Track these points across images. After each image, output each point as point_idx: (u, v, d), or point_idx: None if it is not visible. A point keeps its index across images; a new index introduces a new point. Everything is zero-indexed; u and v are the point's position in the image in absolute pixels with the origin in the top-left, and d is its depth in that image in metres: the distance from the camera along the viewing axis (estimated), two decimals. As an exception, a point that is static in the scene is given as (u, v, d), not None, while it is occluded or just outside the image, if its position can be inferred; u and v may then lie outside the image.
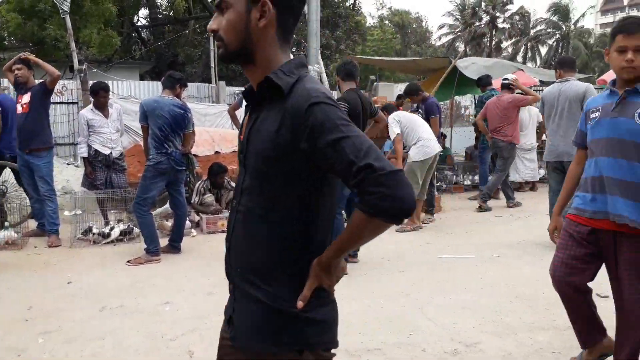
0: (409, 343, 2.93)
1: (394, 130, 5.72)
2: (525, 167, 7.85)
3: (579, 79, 5.44)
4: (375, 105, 9.90)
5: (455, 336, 3.01)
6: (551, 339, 2.98)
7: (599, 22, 76.47)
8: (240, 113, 8.89)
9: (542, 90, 7.95)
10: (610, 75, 9.88)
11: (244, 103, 1.40)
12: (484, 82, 7.83)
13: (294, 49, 22.49)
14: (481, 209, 6.92)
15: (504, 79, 7.07)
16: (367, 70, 25.96)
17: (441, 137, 9.29)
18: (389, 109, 6.66)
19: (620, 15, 75.17)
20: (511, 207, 7.16)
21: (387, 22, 38.24)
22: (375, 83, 13.82)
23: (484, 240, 5.41)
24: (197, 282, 4.09)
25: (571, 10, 44.81)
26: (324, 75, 11.90)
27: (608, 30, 60.76)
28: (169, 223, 5.64)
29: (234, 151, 9.04)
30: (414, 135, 5.75)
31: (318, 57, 10.69)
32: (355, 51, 23.84)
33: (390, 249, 5.05)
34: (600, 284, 3.94)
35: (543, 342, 2.94)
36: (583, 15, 45.51)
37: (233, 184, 6.64)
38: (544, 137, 7.81)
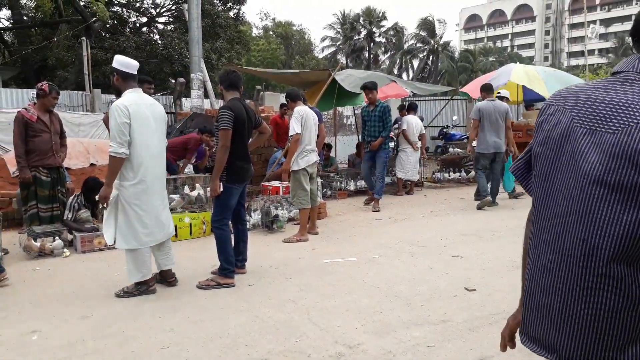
0: (294, 350, 2.97)
1: (294, 128, 5.75)
2: (409, 167, 9.29)
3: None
4: (262, 115, 9.97)
5: (339, 339, 3.11)
6: (426, 333, 3.20)
7: (463, 39, 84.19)
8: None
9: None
10: (471, 87, 10.93)
11: None
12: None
13: (176, 58, 21.82)
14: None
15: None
16: (253, 80, 25.98)
17: (324, 149, 9.70)
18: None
19: (480, 33, 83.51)
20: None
21: (271, 32, 38.60)
22: (261, 93, 13.87)
23: (365, 242, 5.66)
24: (70, 305, 3.78)
25: (438, 27, 48.72)
26: (209, 84, 11.71)
27: (471, 46, 67.02)
28: (37, 243, 5.17)
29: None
30: (302, 144, 5.83)
31: (201, 64, 10.50)
32: (240, 61, 23.73)
33: (278, 257, 5.09)
34: (469, 278, 4.33)
35: (419, 337, 3.14)
36: (443, 33, 49.62)
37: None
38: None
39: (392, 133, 12.62)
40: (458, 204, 8.23)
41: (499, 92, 8.52)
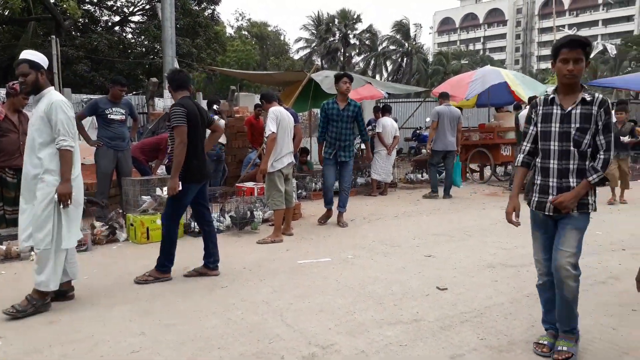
0: (268, 352, 2.96)
1: (270, 128, 5.72)
2: (384, 169, 9.38)
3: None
4: (237, 115, 9.89)
5: (312, 339, 3.11)
6: (398, 333, 3.22)
7: (436, 42, 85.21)
8: (87, 122, 8.25)
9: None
10: (441, 89, 11.14)
11: None
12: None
13: (151, 57, 21.53)
14: None
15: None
16: (227, 80, 25.82)
17: (300, 154, 9.73)
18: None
19: (453, 36, 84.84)
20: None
21: (245, 32, 38.39)
22: (236, 93, 13.79)
23: (339, 243, 5.68)
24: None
25: (413, 30, 49.19)
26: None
27: (444, 49, 67.69)
28: (3, 247, 5.03)
29: (82, 164, 8.36)
30: (277, 145, 5.80)
31: (174, 64, 10.38)
32: (215, 60, 23.60)
33: (251, 259, 5.06)
34: (441, 277, 4.39)
35: (391, 336, 3.16)
36: (417, 36, 50.11)
37: (89, 198, 6.13)
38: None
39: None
40: (430, 205, 8.33)
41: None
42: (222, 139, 8.60)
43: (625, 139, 7.89)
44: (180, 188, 4.19)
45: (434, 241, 5.75)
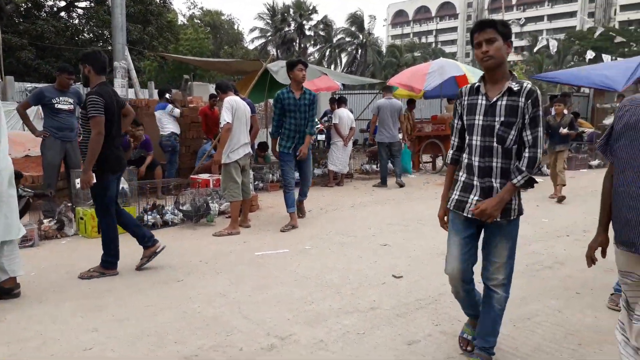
0: (226, 344, 2.94)
1: (224, 118, 5.63)
2: (340, 160, 9.50)
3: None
4: (190, 105, 9.70)
5: (271, 331, 3.12)
6: (356, 321, 3.27)
7: (390, 34, 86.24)
8: (32, 112, 7.87)
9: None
10: (397, 79, 11.28)
11: None
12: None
13: (99, 44, 20.75)
14: None
15: None
16: (180, 69, 25.23)
17: (259, 149, 9.69)
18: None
19: (407, 29, 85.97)
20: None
21: (198, 21, 37.57)
22: (189, 82, 13.50)
23: (297, 234, 5.69)
24: (-21, 309, 3.52)
25: (368, 22, 49.50)
26: (133, 72, 11.21)
27: (397, 41, 68.27)
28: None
29: (27, 156, 8.01)
30: (233, 136, 5.72)
31: (125, 52, 10.04)
32: (168, 49, 23.02)
33: (207, 252, 4.99)
34: (396, 266, 4.47)
35: (349, 325, 3.20)
36: (371, 28, 50.43)
37: (30, 190, 5.89)
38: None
39: (321, 126, 12.76)
40: (385, 195, 8.47)
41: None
42: (176, 129, 8.42)
43: (564, 130, 7.72)
44: (95, 180, 4.08)
45: (389, 230, 5.85)
